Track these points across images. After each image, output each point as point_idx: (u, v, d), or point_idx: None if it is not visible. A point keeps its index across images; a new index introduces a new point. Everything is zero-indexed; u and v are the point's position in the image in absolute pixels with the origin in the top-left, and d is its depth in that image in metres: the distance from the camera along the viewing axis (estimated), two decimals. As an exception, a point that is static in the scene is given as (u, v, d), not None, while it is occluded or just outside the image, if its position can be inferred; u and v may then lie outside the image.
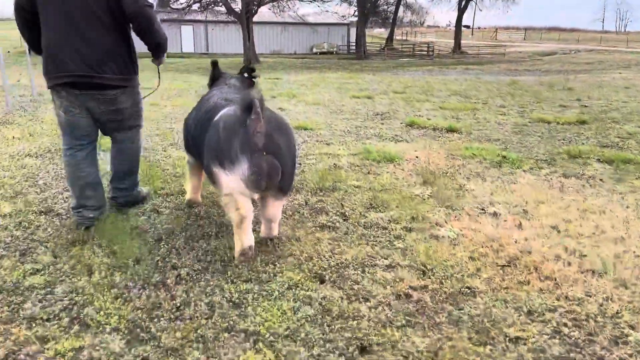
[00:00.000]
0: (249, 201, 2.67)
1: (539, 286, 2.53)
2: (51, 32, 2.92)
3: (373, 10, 38.75)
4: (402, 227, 3.30)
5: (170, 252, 2.88)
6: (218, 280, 2.57)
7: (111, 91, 3.06)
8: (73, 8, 2.85)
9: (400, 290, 2.49)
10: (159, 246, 2.95)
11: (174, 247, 2.94)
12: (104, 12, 2.89)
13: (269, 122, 2.59)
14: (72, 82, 2.95)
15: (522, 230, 3.25)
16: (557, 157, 5.20)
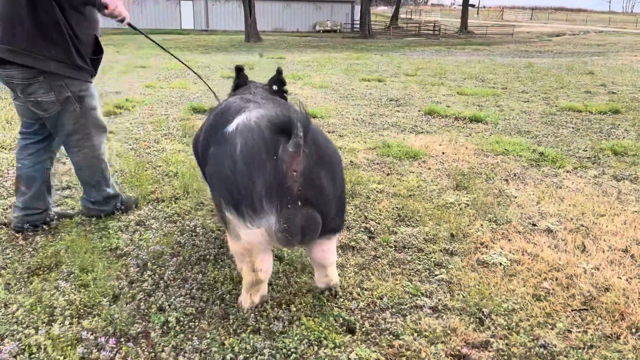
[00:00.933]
0: (270, 259, 2.00)
1: (632, 344, 1.95)
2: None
3: (378, -12, 37.58)
4: (441, 249, 2.70)
5: (157, 285, 2.28)
6: (217, 330, 1.98)
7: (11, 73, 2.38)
8: None
9: (455, 350, 1.90)
10: (143, 276, 2.35)
11: (162, 277, 2.34)
12: None
13: (309, 152, 1.78)
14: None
15: (588, 255, 2.65)
16: (601, 155, 4.59)
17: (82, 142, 2.66)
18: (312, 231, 1.84)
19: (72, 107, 2.53)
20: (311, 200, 1.79)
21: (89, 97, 2.60)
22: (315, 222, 1.82)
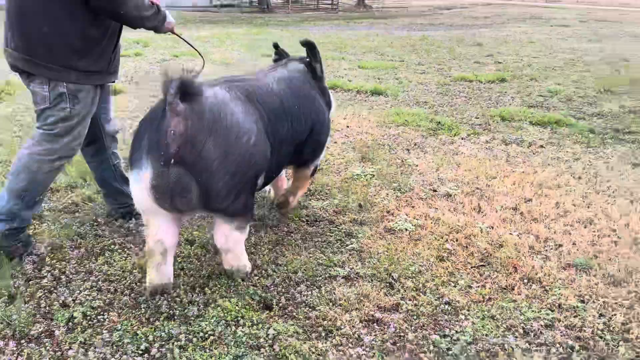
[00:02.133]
0: (169, 229, 1.97)
1: (525, 293, 2.15)
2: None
3: (274, -39, 37.05)
4: (350, 219, 2.79)
5: (58, 280, 2.14)
6: (128, 321, 1.90)
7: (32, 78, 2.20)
8: None
9: (369, 315, 1.98)
10: (42, 273, 2.19)
11: (63, 272, 2.20)
12: None
13: (200, 116, 1.83)
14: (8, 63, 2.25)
15: (484, 216, 2.86)
16: (491, 121, 4.92)
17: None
18: (181, 196, 1.84)
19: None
20: (187, 164, 1.79)
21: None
22: (185, 186, 1.82)
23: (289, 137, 2.30)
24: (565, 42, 12.26)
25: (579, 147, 4.16)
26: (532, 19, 23.00)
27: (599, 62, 8.73)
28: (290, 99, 2.33)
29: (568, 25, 18.77)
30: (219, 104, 1.92)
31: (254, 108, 2.08)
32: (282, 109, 2.26)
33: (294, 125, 2.33)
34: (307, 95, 2.51)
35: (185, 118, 1.80)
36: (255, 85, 2.22)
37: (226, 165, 1.87)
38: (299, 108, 2.37)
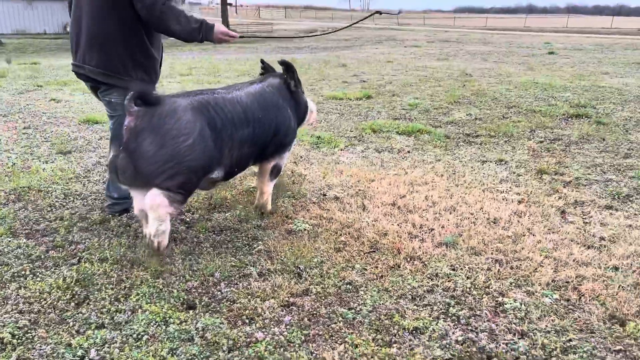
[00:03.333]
0: (142, 197, 2.47)
1: (409, 269, 2.57)
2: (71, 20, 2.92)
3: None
4: (254, 226, 3.05)
5: (-28, 310, 2.13)
6: (58, 335, 1.98)
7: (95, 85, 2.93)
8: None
9: (284, 301, 2.26)
10: (-49, 305, 2.16)
11: (-26, 301, 2.18)
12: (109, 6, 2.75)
13: (148, 118, 2.39)
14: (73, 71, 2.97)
15: (368, 212, 3.29)
16: (364, 133, 5.48)
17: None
18: (124, 174, 2.42)
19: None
20: (129, 151, 2.38)
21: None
22: (126, 168, 2.39)
23: (250, 139, 2.79)
24: (419, 61, 13.65)
25: (438, 150, 4.83)
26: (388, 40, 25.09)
27: (447, 78, 9.93)
28: (255, 108, 2.82)
29: (419, 45, 20.78)
30: (168, 111, 2.44)
31: (203, 116, 2.54)
32: (244, 116, 2.74)
33: (256, 130, 2.81)
34: (274, 105, 2.98)
35: (136, 118, 2.37)
36: (215, 97, 2.69)
37: (159, 156, 2.37)
38: (262, 116, 2.85)
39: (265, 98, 2.94)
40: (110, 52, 2.78)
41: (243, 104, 2.78)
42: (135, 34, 2.80)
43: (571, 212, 3.34)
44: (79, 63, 2.86)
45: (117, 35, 2.76)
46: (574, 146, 4.98)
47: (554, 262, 2.64)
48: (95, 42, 2.78)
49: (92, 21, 2.76)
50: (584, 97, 7.63)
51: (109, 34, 2.76)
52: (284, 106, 3.07)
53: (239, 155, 2.76)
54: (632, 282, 2.44)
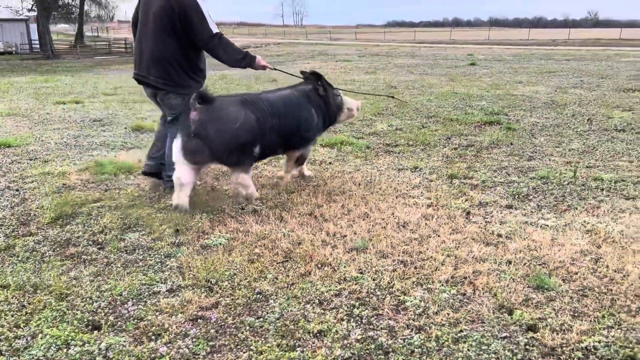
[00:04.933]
0: (187, 172, 3.50)
1: (319, 275, 2.66)
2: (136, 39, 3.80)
3: (54, 4, 34.84)
4: (169, 243, 3.05)
5: None
6: (-50, 367, 1.91)
7: (156, 90, 3.75)
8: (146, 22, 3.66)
9: (193, 315, 2.28)
10: None
11: None
12: (167, 32, 3.57)
13: (208, 113, 3.38)
14: (136, 78, 3.84)
15: (286, 223, 3.37)
16: (288, 147, 5.57)
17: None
18: (197, 153, 3.42)
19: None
20: (201, 137, 3.38)
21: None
22: (199, 149, 3.40)
23: (277, 128, 3.67)
24: (347, 75, 13.99)
25: (359, 160, 5.00)
26: (320, 55, 25.52)
27: (374, 90, 10.25)
28: (280, 106, 3.74)
29: (350, 60, 21.27)
30: (220, 106, 3.46)
31: (244, 107, 3.53)
32: (271, 111, 3.65)
33: (281, 121, 3.70)
34: (297, 105, 3.87)
35: (200, 112, 3.36)
36: (252, 96, 3.73)
37: (220, 137, 3.40)
38: (286, 112, 3.76)
39: (291, 100, 3.86)
40: (169, 68, 3.62)
41: (272, 102, 3.71)
42: (188, 55, 3.66)
43: (475, 212, 3.56)
44: (144, 74, 3.71)
45: (175, 56, 3.61)
46: (484, 151, 5.29)
47: (454, 260, 2.81)
48: (157, 59, 3.62)
49: (155, 43, 3.61)
50: (497, 105, 8.11)
51: (168, 55, 3.60)
52: (308, 107, 3.91)
53: (270, 139, 3.67)
54: (522, 274, 2.64)
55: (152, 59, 3.62)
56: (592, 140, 5.68)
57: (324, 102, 4.02)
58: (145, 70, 3.67)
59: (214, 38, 3.54)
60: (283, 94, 3.90)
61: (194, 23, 3.50)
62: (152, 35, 3.60)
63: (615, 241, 3.02)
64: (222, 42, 3.57)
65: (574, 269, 2.69)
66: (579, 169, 4.50)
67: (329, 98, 4.06)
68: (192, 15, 3.49)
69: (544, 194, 3.91)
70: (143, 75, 3.71)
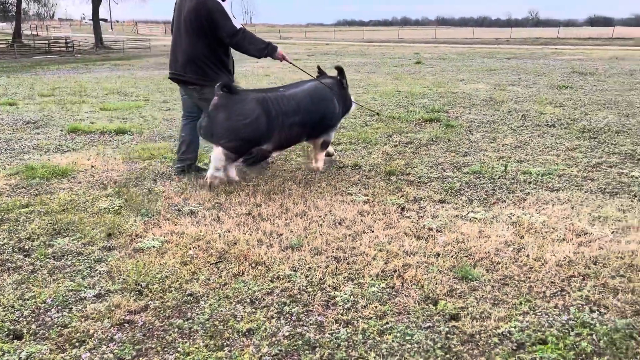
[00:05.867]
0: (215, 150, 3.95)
1: (252, 274, 2.67)
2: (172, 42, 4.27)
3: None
4: (100, 247, 2.98)
5: None
6: None
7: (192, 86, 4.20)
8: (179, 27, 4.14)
9: (120, 320, 2.25)
10: None
11: None
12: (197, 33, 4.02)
13: (226, 100, 3.81)
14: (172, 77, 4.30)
15: (222, 224, 3.36)
16: (230, 147, 5.54)
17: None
18: (205, 131, 3.94)
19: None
20: (210, 118, 3.86)
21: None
22: (206, 128, 3.90)
23: (299, 122, 4.08)
24: (295, 74, 14.00)
25: (301, 159, 5.03)
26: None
27: (319, 89, 10.31)
28: (307, 101, 4.17)
29: (299, 59, 21.27)
30: (240, 99, 3.85)
31: (262, 107, 3.87)
32: (296, 107, 4.05)
33: (303, 116, 4.10)
34: (323, 98, 4.29)
35: (219, 98, 3.81)
36: (276, 94, 4.03)
37: (223, 125, 3.82)
38: (311, 106, 4.19)
39: (316, 92, 4.28)
40: (201, 65, 4.08)
41: (297, 98, 4.10)
42: (217, 53, 4.11)
43: (409, 208, 3.66)
44: (180, 72, 4.17)
45: (206, 54, 4.07)
46: (423, 148, 5.43)
47: (386, 254, 2.89)
48: (191, 58, 4.08)
49: (188, 44, 4.07)
50: (438, 103, 8.34)
51: (200, 54, 4.06)
52: (332, 99, 4.34)
53: (288, 135, 4.09)
54: (449, 266, 2.74)
55: (186, 59, 4.09)
56: (525, 135, 5.94)
57: (343, 94, 4.54)
58: (180, 69, 4.15)
59: (237, 33, 3.97)
60: (309, 87, 4.33)
61: (219, 22, 3.94)
62: (185, 37, 4.07)
63: (537, 231, 3.18)
64: (245, 36, 4.01)
65: (497, 259, 2.82)
66: (509, 164, 4.70)
67: (347, 91, 4.64)
68: (216, 15, 3.93)
69: (476, 188, 4.06)
70: (179, 74, 4.18)
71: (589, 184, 4.12)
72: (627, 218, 3.36)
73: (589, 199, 3.75)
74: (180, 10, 4.12)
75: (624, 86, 10.15)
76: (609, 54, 21.87)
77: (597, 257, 2.81)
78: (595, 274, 2.64)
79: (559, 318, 2.25)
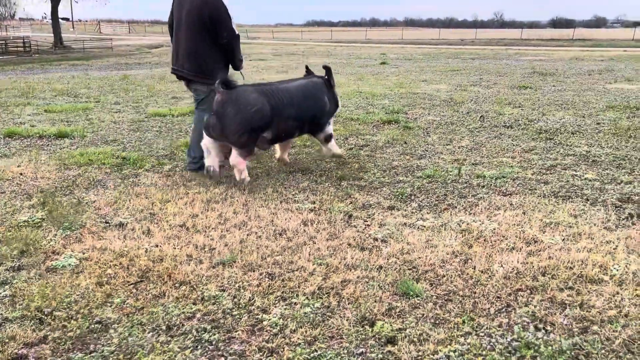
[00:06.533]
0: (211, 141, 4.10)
1: (174, 295, 2.42)
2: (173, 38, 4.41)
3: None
4: (7, 268, 2.68)
5: None
6: None
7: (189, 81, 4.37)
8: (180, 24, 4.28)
9: (13, 354, 1.97)
10: None
11: None
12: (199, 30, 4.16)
13: (229, 96, 3.92)
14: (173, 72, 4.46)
15: (152, 237, 3.09)
16: (178, 151, 5.26)
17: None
18: (214, 129, 4.02)
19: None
20: (219, 114, 3.95)
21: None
22: (216, 126, 3.98)
23: (294, 115, 4.24)
24: (258, 74, 13.74)
25: (251, 163, 4.78)
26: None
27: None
28: (298, 96, 4.32)
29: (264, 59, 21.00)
30: (241, 91, 3.99)
31: (264, 96, 4.04)
32: (290, 100, 4.20)
33: (297, 110, 4.26)
34: (313, 95, 4.45)
35: (222, 95, 3.92)
36: (272, 87, 4.20)
37: (236, 119, 3.92)
38: (303, 101, 4.34)
39: (307, 89, 4.44)
40: (200, 62, 4.21)
41: (291, 92, 4.27)
42: (215, 50, 4.23)
43: (357, 215, 3.46)
44: (179, 68, 4.31)
45: (205, 51, 4.20)
46: (378, 151, 5.25)
47: (325, 269, 2.67)
48: (191, 55, 4.21)
49: (188, 41, 4.20)
50: (398, 104, 8.20)
51: (200, 50, 4.20)
52: (321, 97, 4.51)
53: (285, 125, 4.21)
54: (391, 280, 2.54)
55: (186, 54, 4.22)
56: (482, 137, 5.82)
57: (331, 92, 4.67)
58: (180, 65, 4.28)
59: (236, 38, 4.23)
60: (301, 84, 4.49)
61: (223, 22, 4.11)
62: (185, 33, 4.19)
63: (486, 240, 3.02)
64: (238, 43, 4.31)
65: (443, 272, 2.63)
66: (463, 167, 4.56)
67: (334, 90, 4.75)
68: (223, 15, 4.10)
69: (427, 194, 3.89)
70: (179, 69, 4.32)
71: (542, 187, 3.99)
72: (578, 224, 3.23)
73: (542, 204, 3.62)
74: (181, 7, 4.22)
75: (582, 86, 10.23)
76: (569, 55, 22.27)
77: (545, 268, 2.65)
78: (543, 286, 2.48)
79: (502, 339, 2.07)
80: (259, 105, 3.96)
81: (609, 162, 4.70)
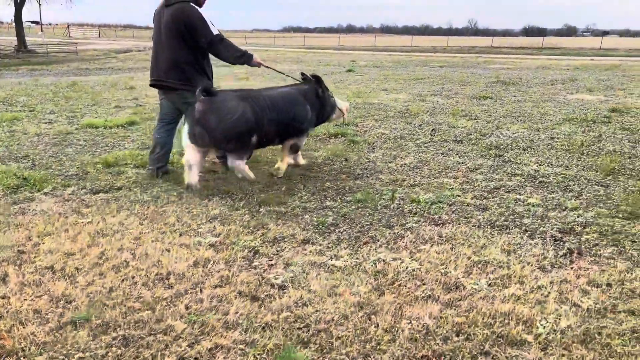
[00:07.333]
0: (195, 153, 4.05)
1: (-8, 371, 1.91)
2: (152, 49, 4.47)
3: None
4: None
5: None
6: None
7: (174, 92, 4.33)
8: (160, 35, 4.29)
9: None
10: None
11: None
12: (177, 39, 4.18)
13: (211, 104, 3.91)
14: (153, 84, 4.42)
15: (6, 285, 2.57)
16: (92, 169, 4.73)
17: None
18: (200, 138, 3.96)
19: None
20: (202, 125, 3.91)
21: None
22: (201, 134, 3.93)
23: (275, 119, 4.20)
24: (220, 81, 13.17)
25: (167, 185, 4.28)
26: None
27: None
28: (280, 102, 4.29)
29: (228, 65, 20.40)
30: (222, 99, 3.98)
31: (244, 103, 4.01)
32: (271, 106, 4.18)
33: (279, 115, 4.23)
34: (294, 102, 4.41)
35: (203, 104, 3.90)
36: (253, 94, 4.18)
37: (220, 126, 3.91)
38: (284, 107, 4.29)
39: (289, 97, 4.42)
40: (183, 70, 4.21)
41: (273, 98, 4.26)
42: (197, 59, 4.25)
43: (263, 252, 2.99)
44: (163, 78, 4.27)
45: (187, 60, 4.20)
46: (314, 169, 4.81)
47: (198, 329, 2.20)
48: (173, 64, 4.21)
49: (169, 50, 4.20)
50: (351, 115, 7.76)
51: (181, 59, 4.19)
52: (304, 104, 4.46)
53: (267, 130, 4.18)
54: (272, 346, 2.08)
55: (168, 65, 4.23)
56: (428, 153, 5.42)
57: (319, 101, 4.61)
58: (163, 75, 4.26)
59: (215, 39, 4.14)
60: (287, 91, 4.51)
61: (198, 28, 4.09)
62: (166, 44, 4.22)
63: (401, 285, 2.58)
64: (223, 43, 4.18)
65: (338, 332, 2.18)
66: (399, 189, 4.14)
67: (325, 99, 4.68)
68: (195, 22, 4.08)
69: (351, 223, 3.45)
70: (160, 80, 4.29)
71: (479, 215, 3.59)
72: (509, 263, 2.82)
73: (474, 236, 3.20)
74: (159, 19, 4.26)
75: (543, 97, 9.96)
76: (537, 63, 22.25)
77: (461, 325, 2.23)
78: (454, 352, 2.04)
79: None
80: (239, 111, 3.96)
81: (557, 183, 4.34)
